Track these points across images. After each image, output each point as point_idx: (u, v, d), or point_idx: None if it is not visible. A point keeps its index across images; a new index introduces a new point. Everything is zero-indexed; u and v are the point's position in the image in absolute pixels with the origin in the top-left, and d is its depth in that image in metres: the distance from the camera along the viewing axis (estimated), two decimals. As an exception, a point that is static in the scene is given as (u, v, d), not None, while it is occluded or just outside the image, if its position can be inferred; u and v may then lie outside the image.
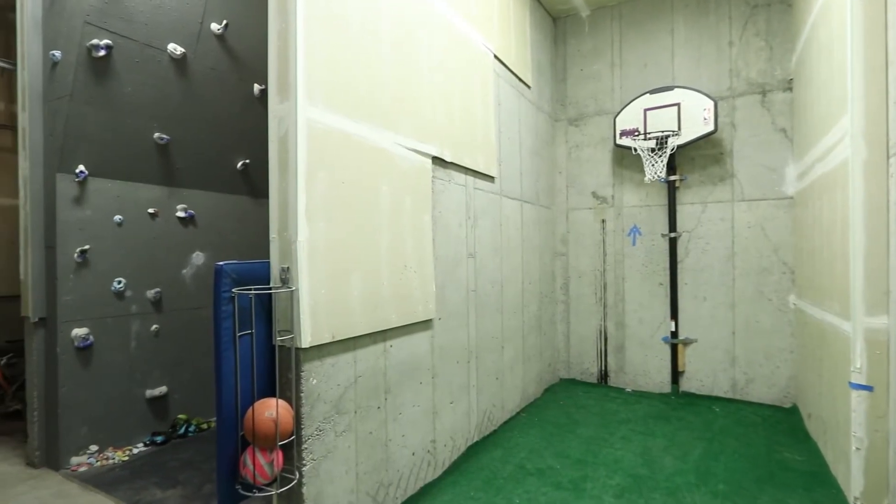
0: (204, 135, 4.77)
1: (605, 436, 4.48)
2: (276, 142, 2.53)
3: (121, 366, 4.32)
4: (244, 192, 5.36)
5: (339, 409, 2.72)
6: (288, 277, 2.47)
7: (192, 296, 4.87)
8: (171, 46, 4.26)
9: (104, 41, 3.84)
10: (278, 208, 2.52)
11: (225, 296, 2.33)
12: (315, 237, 2.53)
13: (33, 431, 4.02)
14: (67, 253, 3.97)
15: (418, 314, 3.40)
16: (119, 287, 4.26)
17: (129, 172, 4.33)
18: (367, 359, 2.95)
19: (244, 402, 2.38)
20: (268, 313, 2.53)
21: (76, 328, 4.00)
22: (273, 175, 2.55)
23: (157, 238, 4.58)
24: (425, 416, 3.53)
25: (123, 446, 4.28)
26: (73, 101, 3.85)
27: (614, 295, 5.99)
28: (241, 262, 2.43)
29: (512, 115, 5.02)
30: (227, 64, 4.75)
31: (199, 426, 4.73)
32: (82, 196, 4.05)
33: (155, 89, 4.29)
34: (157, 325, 4.57)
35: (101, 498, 3.51)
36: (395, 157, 3.20)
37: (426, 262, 3.50)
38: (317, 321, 2.52)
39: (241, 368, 2.38)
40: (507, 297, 4.86)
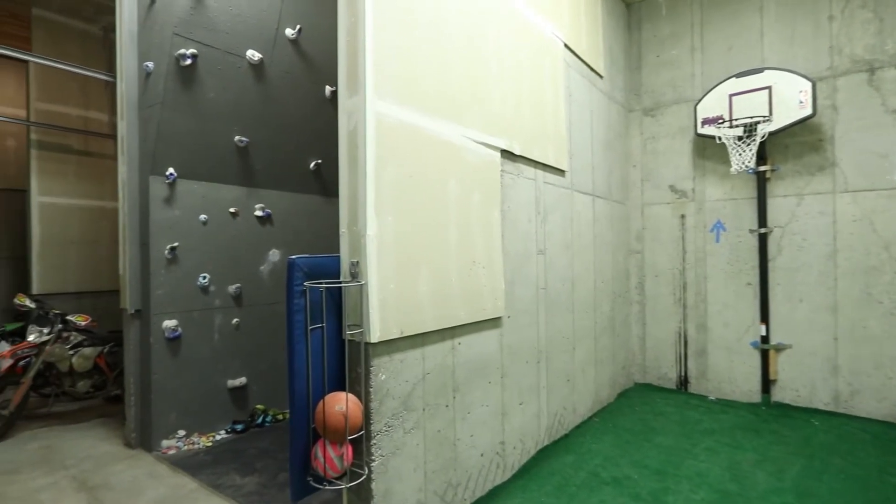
0: (279, 136, 4.97)
1: (686, 446, 4.17)
2: (346, 136, 2.55)
3: (205, 356, 4.58)
4: (316, 192, 5.52)
5: (407, 406, 2.70)
6: (357, 272, 2.47)
7: (268, 291, 5.09)
8: (250, 53, 4.46)
9: (190, 51, 4.08)
10: (348, 203, 2.54)
11: (297, 289, 2.37)
12: (384, 231, 2.52)
13: (130, 415, 4.35)
14: (159, 250, 4.26)
15: (487, 311, 3.32)
16: (204, 282, 4.52)
17: (213, 174, 4.59)
18: (436, 356, 2.91)
19: (315, 395, 2.41)
20: (338, 307, 2.55)
21: (166, 320, 4.29)
22: (343, 170, 2.57)
23: (237, 236, 4.81)
24: (494, 417, 3.44)
25: (207, 433, 4.54)
26: (164, 108, 4.13)
27: (695, 295, 5.59)
28: (312, 256, 2.46)
29: (583, 107, 4.82)
30: (301, 67, 4.91)
31: (276, 417, 4.93)
32: (172, 197, 4.33)
33: (235, 94, 4.51)
34: (237, 318, 4.81)
35: (187, 480, 3.72)
36: (463, 150, 3.14)
37: (495, 258, 3.41)
38: (385, 316, 2.51)
39: (313, 361, 2.42)
40: (579, 296, 4.66)
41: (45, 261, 6.49)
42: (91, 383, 4.99)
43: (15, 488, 3.59)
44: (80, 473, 3.82)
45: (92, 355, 4.92)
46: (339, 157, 2.58)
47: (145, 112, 4.25)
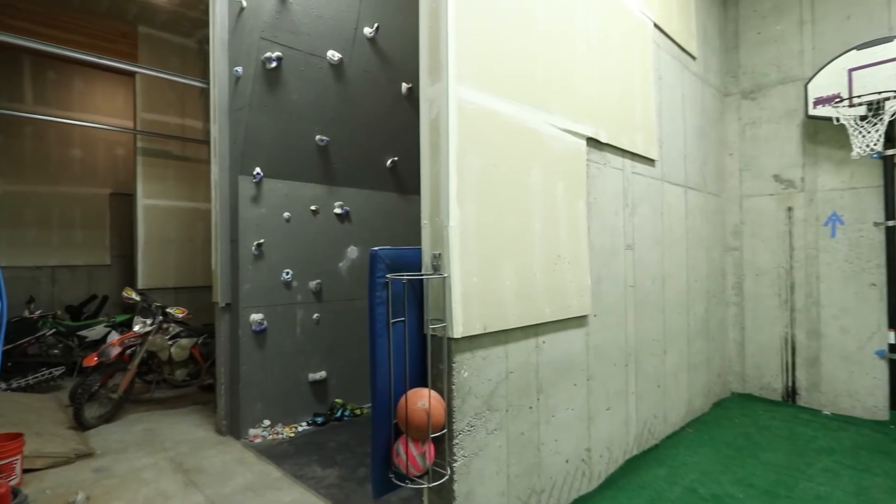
0: (358, 135, 5.03)
1: (800, 466, 3.71)
2: (427, 125, 2.47)
3: (288, 350, 4.72)
4: (392, 189, 5.55)
5: (490, 406, 2.57)
6: (439, 264, 2.38)
7: (347, 287, 5.17)
8: (330, 53, 4.55)
9: (275, 53, 4.21)
10: (430, 193, 2.46)
11: (379, 281, 2.31)
12: (466, 222, 2.42)
13: (220, 403, 4.57)
14: (246, 246, 4.45)
15: (572, 309, 3.12)
16: (287, 278, 4.66)
17: (295, 173, 4.72)
18: (519, 354, 2.76)
19: (397, 390, 2.35)
20: (420, 301, 2.47)
21: (253, 314, 4.46)
22: (424, 159, 2.49)
23: (318, 233, 4.93)
24: (579, 422, 3.23)
25: (290, 424, 4.67)
26: (251, 111, 4.30)
27: (805, 297, 5.00)
28: (394, 249, 2.41)
29: (674, 91, 4.45)
30: (378, 65, 4.94)
31: (353, 411, 4.99)
32: (258, 195, 4.51)
33: (316, 95, 4.61)
34: (317, 313, 4.92)
35: (272, 468, 3.83)
36: (548, 138, 2.97)
37: (581, 252, 3.20)
38: (468, 311, 2.40)
39: (394, 355, 2.35)
40: (670, 296, 4.31)
41: (148, 258, 7.05)
42: (187, 372, 5.32)
43: (122, 466, 3.86)
44: (177, 456, 4.05)
45: (188, 346, 5.24)
46: (421, 146, 2.50)
47: (235, 115, 4.45)
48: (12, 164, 7.39)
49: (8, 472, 3.38)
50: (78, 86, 7.93)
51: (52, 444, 4.02)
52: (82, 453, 4.02)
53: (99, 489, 3.47)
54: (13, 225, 7.40)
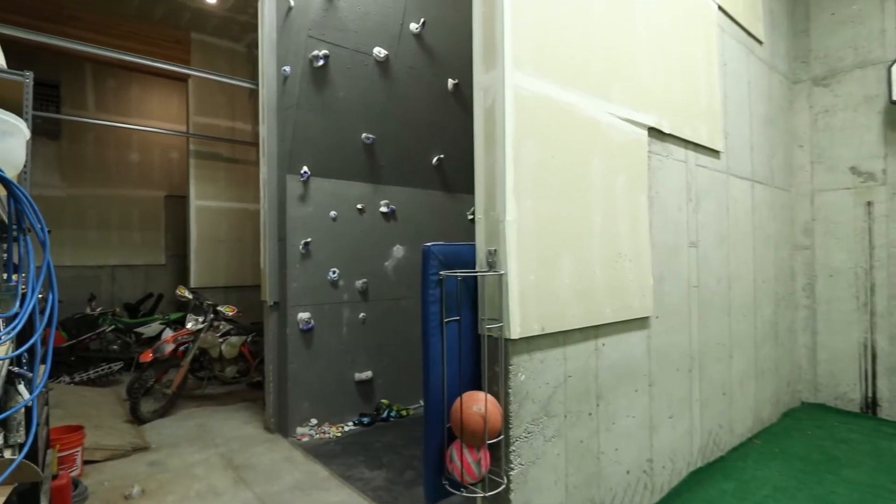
0: (403, 132, 4.97)
1: (887, 484, 3.37)
2: (482, 114, 2.35)
3: (335, 349, 4.70)
4: (438, 187, 5.46)
5: (547, 412, 2.42)
6: (495, 261, 2.26)
7: (392, 287, 5.11)
8: (376, 50, 4.50)
9: (322, 51, 4.20)
10: (484, 186, 2.33)
11: (432, 279, 2.21)
12: (523, 217, 2.28)
13: (269, 401, 4.60)
14: (294, 245, 4.45)
15: (634, 310, 2.92)
16: (334, 277, 4.65)
17: (342, 171, 4.70)
18: (578, 357, 2.59)
19: (451, 392, 2.23)
20: (474, 299, 2.35)
21: (301, 312, 4.46)
22: (479, 150, 2.37)
23: (364, 232, 4.89)
24: (641, 430, 3.02)
25: (337, 423, 4.65)
26: (299, 110, 4.30)
27: (888, 300, 4.57)
28: (448, 244, 2.30)
29: (739, 78, 4.16)
30: (424, 61, 4.86)
31: (400, 412, 4.92)
32: (305, 194, 4.51)
33: (362, 92, 4.58)
34: (363, 313, 4.88)
35: (319, 468, 3.80)
36: (607, 127, 2.79)
37: (642, 249, 3.00)
38: (526, 310, 2.26)
39: (448, 356, 2.24)
40: (735, 297, 4.02)
41: (200, 258, 7.25)
42: (236, 369, 5.40)
43: (176, 461, 3.93)
44: (228, 452, 4.09)
45: (237, 343, 5.32)
46: (475, 138, 2.38)
47: (283, 114, 4.47)
48: (76, 168, 7.77)
49: (70, 463, 3.48)
50: (135, 92, 8.27)
51: (111, 436, 4.14)
52: (138, 447, 4.11)
53: (153, 483, 3.53)
54: (77, 226, 7.77)
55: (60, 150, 7.66)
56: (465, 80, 5.17)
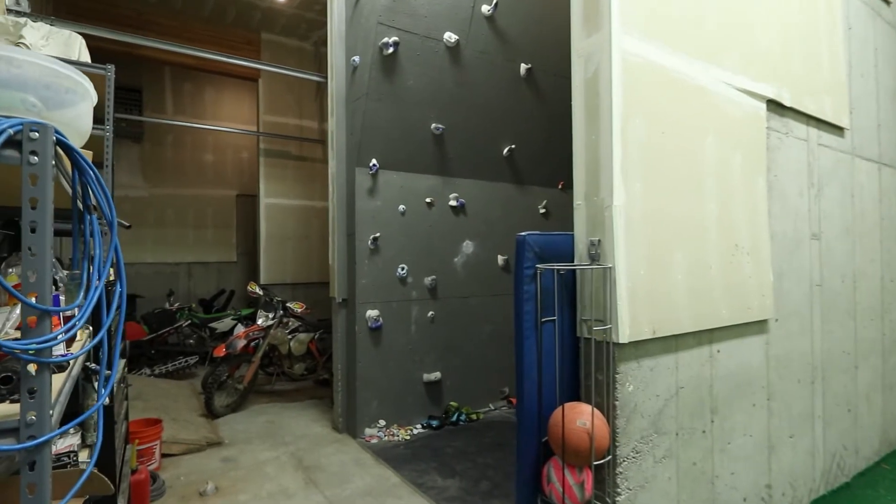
0: (473, 121, 4.73)
1: None
2: (582, 85, 2.06)
3: (403, 348, 4.54)
4: (509, 179, 5.18)
5: (657, 428, 2.09)
6: (598, 253, 1.96)
7: (462, 284, 4.89)
8: (447, 35, 4.29)
9: (392, 38, 4.03)
10: (585, 167, 2.04)
11: (527, 272, 1.95)
12: (632, 203, 1.97)
13: (337, 400, 4.50)
14: (363, 240, 4.33)
15: (752, 311, 2.52)
16: (402, 273, 4.48)
17: (411, 164, 4.53)
18: (691, 365, 2.24)
19: (548, 401, 1.96)
20: (572, 297, 2.07)
21: (369, 310, 4.33)
22: (578, 127, 2.08)
23: (433, 227, 4.70)
24: (758, 451, 2.61)
25: (405, 425, 4.48)
26: (368, 100, 4.16)
27: None
28: (543, 234, 2.03)
29: (865, 44, 3.59)
30: (496, 46, 4.60)
31: (469, 416, 4.69)
32: (374, 187, 4.37)
33: (432, 80, 4.38)
34: (432, 311, 4.69)
35: (390, 473, 3.63)
36: (722, 100, 2.41)
37: (761, 241, 2.59)
38: (635, 310, 1.95)
39: (544, 361, 1.97)
40: (861, 298, 3.47)
41: (269, 255, 7.36)
42: (304, 367, 5.37)
43: (247, 457, 3.89)
44: (297, 451, 4.02)
45: (306, 340, 5.29)
46: (574, 114, 2.09)
47: (352, 106, 4.35)
48: (157, 170, 8.13)
49: (148, 455, 3.51)
50: (210, 95, 8.55)
51: (187, 430, 4.18)
52: (212, 441, 4.12)
53: (226, 480, 3.49)
54: (157, 225, 8.13)
55: (143, 152, 8.04)
56: (538, 64, 4.86)
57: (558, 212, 5.56)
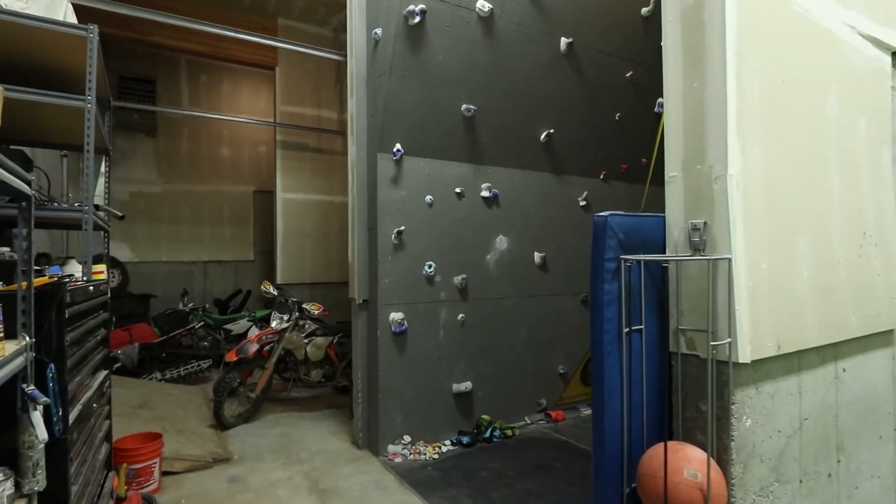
0: (507, 102, 4.24)
1: None
2: (678, 18, 1.55)
3: (430, 355, 4.08)
4: (546, 168, 4.67)
5: (779, 475, 1.58)
6: (704, 240, 1.46)
7: (495, 284, 4.40)
8: (480, 3, 3.81)
9: (419, 6, 3.57)
10: (683, 126, 1.53)
11: (608, 265, 1.45)
12: (750, 172, 1.46)
13: (357, 412, 4.05)
14: (386, 235, 3.88)
15: (881, 318, 1.98)
16: (429, 272, 4.02)
17: (439, 149, 4.07)
18: (815, 389, 1.71)
19: (635, 440, 1.46)
20: (660, 299, 1.57)
21: (393, 312, 3.87)
22: (672, 74, 1.57)
23: (463, 220, 4.22)
24: (886, 495, 2.06)
25: (432, 442, 4.01)
26: (392, 77, 3.71)
27: None
28: (627, 215, 1.53)
29: None
30: (533, 17, 4.10)
31: (504, 432, 4.19)
32: (398, 176, 3.92)
33: (463, 55, 3.91)
34: (462, 314, 4.21)
35: (417, 500, 3.17)
36: (845, 47, 1.88)
37: (888, 228, 2.04)
38: (757, 318, 1.44)
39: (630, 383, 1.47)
40: None
41: (286, 253, 6.99)
42: (322, 373, 4.95)
43: (258, 477, 3.48)
44: (312, 471, 3.58)
45: (323, 345, 4.86)
46: (665, 56, 1.59)
47: (374, 84, 3.91)
48: (172, 165, 7.84)
49: (146, 476, 3.11)
50: (226, 87, 8.24)
51: (192, 444, 3.78)
52: (220, 457, 3.72)
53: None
54: (173, 222, 7.84)
55: (157, 146, 7.76)
56: (580, 39, 4.35)
57: (600, 204, 5.03)
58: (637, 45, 4.74)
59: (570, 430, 4.39)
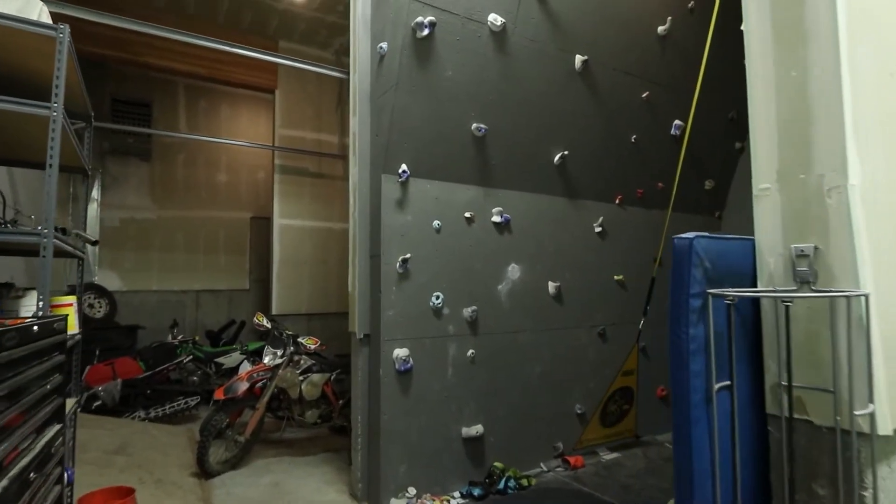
0: (520, 122, 3.98)
1: None
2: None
3: (437, 396, 3.69)
4: (560, 192, 4.39)
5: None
6: (815, 270, 1.12)
7: (507, 317, 4.05)
8: (492, 17, 3.59)
9: (428, 18, 3.34)
10: (777, 124, 1.22)
11: (693, 303, 1.11)
12: (871, 183, 1.14)
13: (356, 460, 3.64)
14: (390, 263, 3.55)
15: None
16: (437, 303, 3.67)
17: (447, 171, 3.78)
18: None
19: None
20: (754, 344, 1.22)
21: (397, 348, 3.51)
22: (758, 58, 1.27)
23: (473, 247, 3.90)
24: None
25: (440, 494, 3.59)
26: (398, 92, 3.45)
27: None
28: (714, 237, 1.20)
29: None
30: (548, 33, 3.88)
31: (519, 482, 3.77)
32: (404, 199, 3.62)
33: (473, 70, 3.66)
34: (472, 349, 3.85)
35: (426, 568, 2.74)
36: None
37: None
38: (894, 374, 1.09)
39: (720, 457, 1.12)
40: None
41: (282, 282, 6.64)
42: (318, 413, 4.53)
43: (242, 538, 3.05)
44: (306, 531, 3.16)
45: (320, 382, 4.47)
46: (747, 38, 1.29)
47: (378, 101, 3.65)
48: (167, 190, 7.57)
49: (113, 541, 2.69)
50: (225, 112, 8.04)
51: (171, 499, 3.36)
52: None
53: (211, 579, 2.64)
54: (165, 249, 7.51)
55: (152, 171, 7.49)
56: (596, 57, 4.13)
57: (617, 231, 4.73)
58: (653, 64, 4.53)
59: (592, 479, 3.97)
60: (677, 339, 1.14)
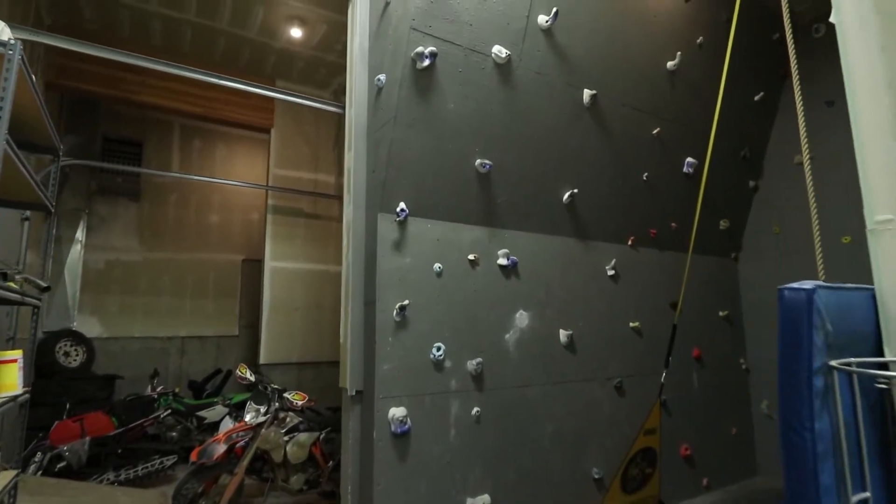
0: (527, 157, 3.74)
1: None
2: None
3: (438, 461, 3.26)
4: (570, 233, 4.09)
5: None
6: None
7: (515, 368, 3.67)
8: (496, 49, 3.40)
9: (429, 49, 3.14)
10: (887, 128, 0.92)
11: (816, 383, 0.77)
12: None
13: (346, 538, 3.18)
14: (386, 310, 3.20)
15: None
16: (438, 356, 3.30)
17: (449, 210, 3.49)
18: None
19: None
20: (882, 437, 0.87)
21: (394, 407, 3.11)
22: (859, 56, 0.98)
23: (478, 292, 3.57)
24: None
25: (442, 579, 3.10)
26: (396, 126, 3.20)
27: None
28: (833, 287, 0.87)
29: None
30: (554, 66, 3.69)
31: (532, 563, 3.28)
32: (402, 240, 3.31)
33: (477, 103, 3.44)
34: (477, 407, 3.44)
35: None
36: None
37: None
38: None
39: None
40: None
41: (272, 328, 6.25)
42: (305, 477, 4.07)
43: None
44: None
45: (307, 443, 4.03)
46: (841, 31, 1.01)
47: (375, 135, 3.41)
48: (155, 231, 7.29)
49: None
50: (220, 153, 7.88)
51: (126, 588, 2.87)
52: None
53: None
54: (150, 293, 7.15)
55: (141, 211, 7.23)
56: (604, 91, 3.93)
57: (630, 274, 4.41)
58: (663, 100, 4.34)
59: (615, 558, 3.47)
60: (798, 437, 0.79)
